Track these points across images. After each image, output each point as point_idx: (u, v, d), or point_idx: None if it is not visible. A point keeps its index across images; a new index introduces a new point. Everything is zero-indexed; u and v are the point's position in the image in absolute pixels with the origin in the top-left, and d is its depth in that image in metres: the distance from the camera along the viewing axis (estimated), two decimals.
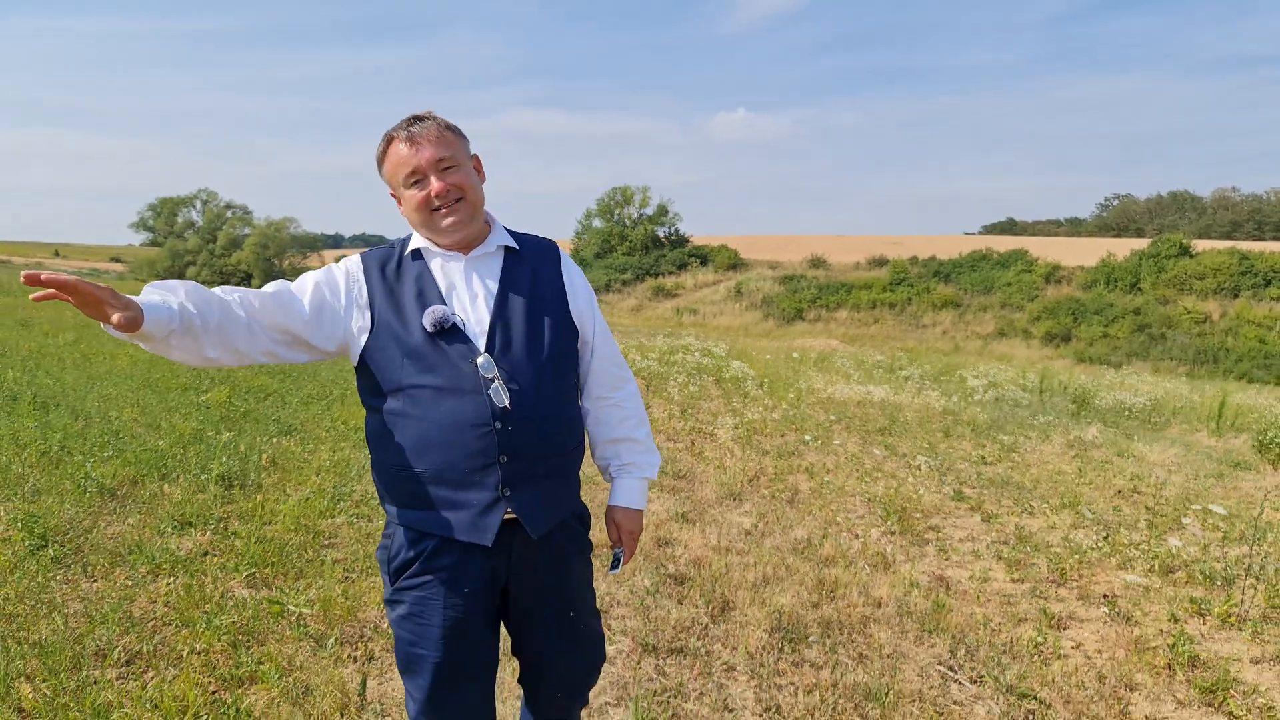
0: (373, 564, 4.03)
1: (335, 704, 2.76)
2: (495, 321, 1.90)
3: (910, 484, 6.58)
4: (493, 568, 1.92)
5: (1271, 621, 4.19)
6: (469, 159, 1.97)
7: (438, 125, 1.91)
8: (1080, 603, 4.39)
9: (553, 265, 2.04)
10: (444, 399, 1.84)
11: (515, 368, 1.87)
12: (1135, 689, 3.47)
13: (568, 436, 1.97)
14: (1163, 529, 5.70)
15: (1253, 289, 39.47)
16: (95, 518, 4.31)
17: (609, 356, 2.10)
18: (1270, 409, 13.47)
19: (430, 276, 1.94)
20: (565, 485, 2.00)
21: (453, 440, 1.84)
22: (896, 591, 4.22)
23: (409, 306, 1.89)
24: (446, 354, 1.86)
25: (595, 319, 2.09)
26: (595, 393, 2.10)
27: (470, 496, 1.86)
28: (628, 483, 2.15)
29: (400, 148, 1.89)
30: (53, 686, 2.66)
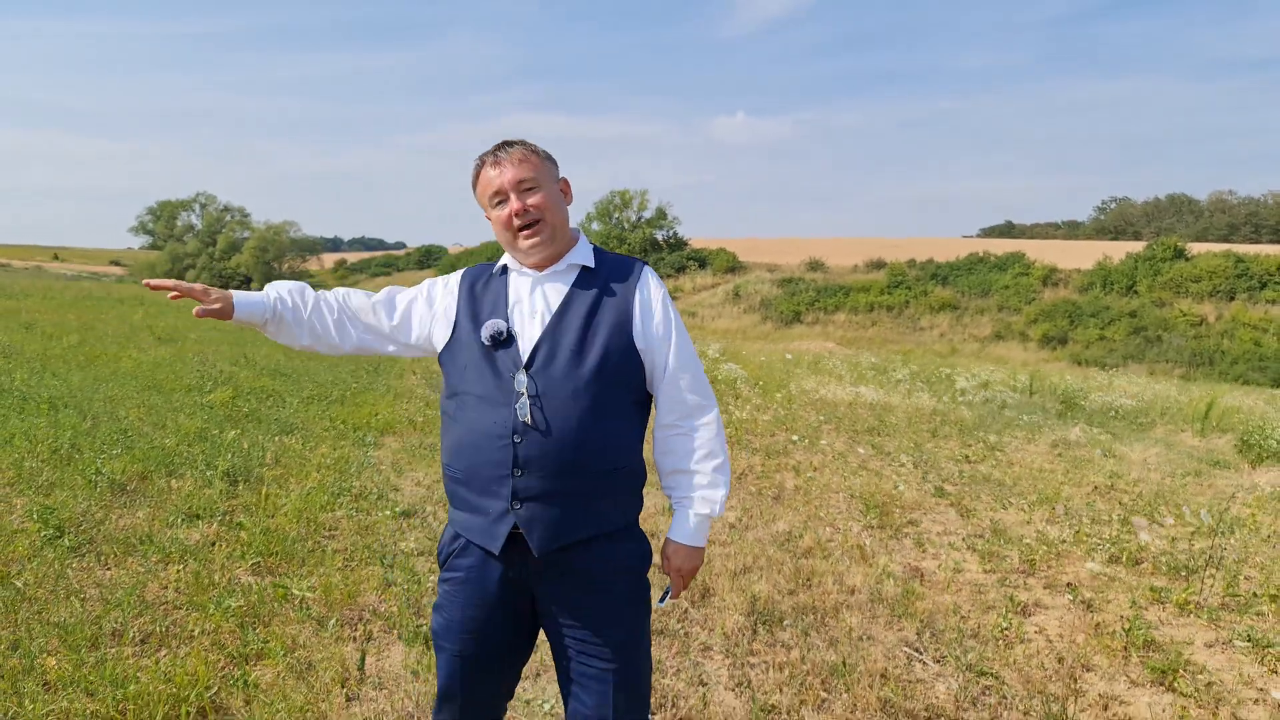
0: (370, 553, 4.24)
1: (336, 677, 2.97)
2: (543, 339, 1.95)
3: (893, 481, 6.79)
4: (509, 576, 1.98)
5: (1228, 609, 4.39)
6: (554, 182, 2.05)
7: (523, 149, 2.01)
8: (1047, 591, 4.60)
9: (627, 285, 2.03)
10: (481, 407, 1.94)
11: (550, 386, 1.91)
12: (1091, 670, 3.68)
13: (596, 459, 1.94)
14: (1140, 525, 5.90)
15: (1248, 292, 39.59)
16: (107, 510, 4.51)
17: (683, 384, 2.04)
18: (1255, 411, 13.68)
19: (505, 292, 2.04)
20: (586, 509, 1.95)
21: (478, 446, 1.93)
22: (870, 580, 4.43)
23: (481, 318, 2.01)
24: (496, 366, 1.95)
25: (672, 342, 2.03)
26: (664, 420, 2.07)
27: (488, 503, 1.94)
28: (685, 517, 2.08)
29: (488, 170, 2.01)
30: (73, 661, 2.87)
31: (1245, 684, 3.58)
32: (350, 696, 2.90)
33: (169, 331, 15.26)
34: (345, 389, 9.48)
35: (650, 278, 2.06)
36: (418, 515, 5.03)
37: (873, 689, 3.20)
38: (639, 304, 2.01)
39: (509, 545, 1.93)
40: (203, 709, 2.71)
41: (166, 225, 78.30)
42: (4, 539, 3.90)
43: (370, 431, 7.28)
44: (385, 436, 7.25)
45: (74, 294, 25.12)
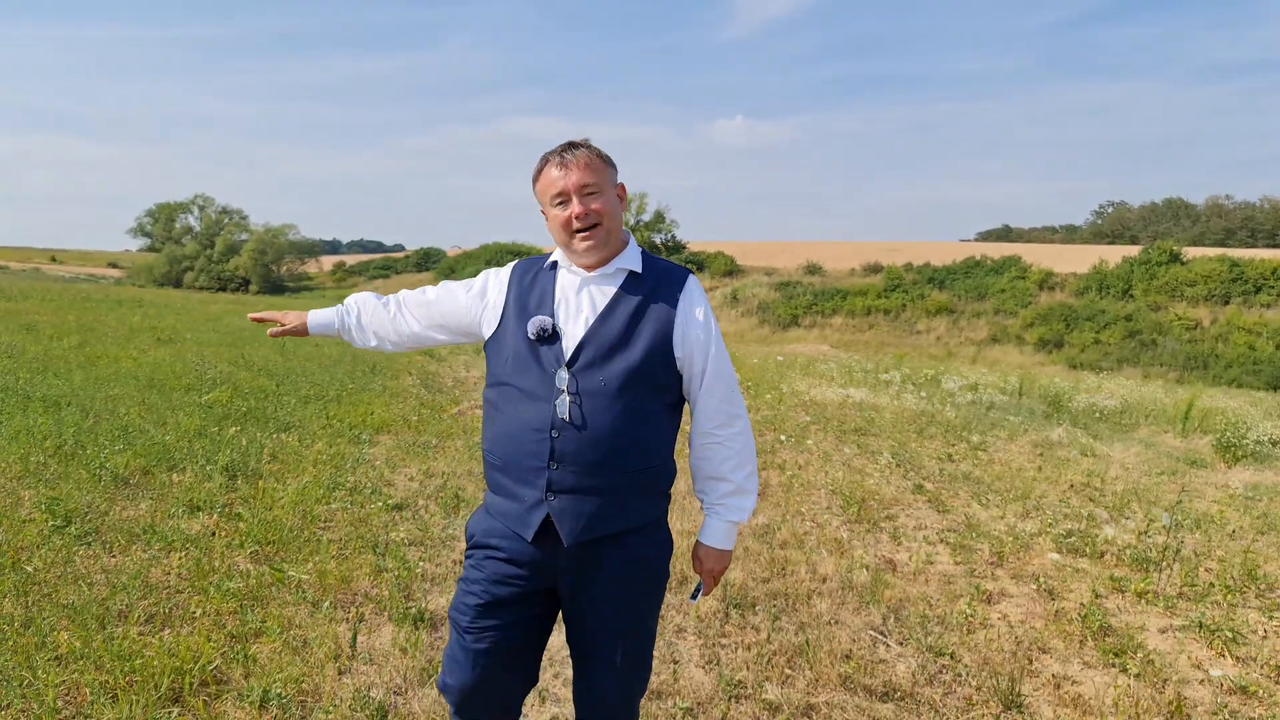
0: (363, 543, 4.43)
1: (330, 653, 3.17)
2: (587, 339, 2.02)
3: (874, 478, 6.98)
4: (536, 564, 2.04)
5: (1185, 598, 4.59)
6: (613, 187, 2.11)
7: (589, 153, 2.07)
8: (1013, 581, 4.79)
9: (671, 293, 2.09)
10: (523, 400, 2.02)
11: (589, 385, 1.98)
12: (1048, 652, 3.87)
13: (629, 459, 2.02)
14: (1101, 519, 6.10)
15: (1243, 296, 39.73)
16: (110, 502, 4.70)
17: (719, 394, 2.12)
18: (1240, 412, 13.88)
19: (552, 289, 2.10)
20: (616, 504, 2.03)
21: (519, 438, 2.01)
22: (842, 569, 4.62)
23: (529, 312, 2.08)
24: (539, 360, 2.02)
25: (710, 354, 2.10)
26: (701, 428, 2.15)
27: (524, 492, 2.02)
28: (715, 523, 2.19)
29: (552, 170, 2.06)
30: (83, 639, 3.06)
31: (1193, 666, 3.78)
32: (342, 671, 3.10)
33: (168, 333, 15.43)
34: (342, 389, 9.67)
35: (695, 288, 2.14)
36: (409, 509, 5.22)
37: (834, 667, 3.40)
38: (681, 313, 2.07)
39: (540, 533, 2.01)
40: (205, 680, 2.91)
41: (165, 227, 78.42)
42: (14, 527, 4.09)
43: (365, 430, 7.47)
44: (380, 435, 7.44)
45: (72, 296, 25.28)
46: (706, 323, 2.10)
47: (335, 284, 79.06)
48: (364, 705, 2.85)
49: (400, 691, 3.01)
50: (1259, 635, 4.15)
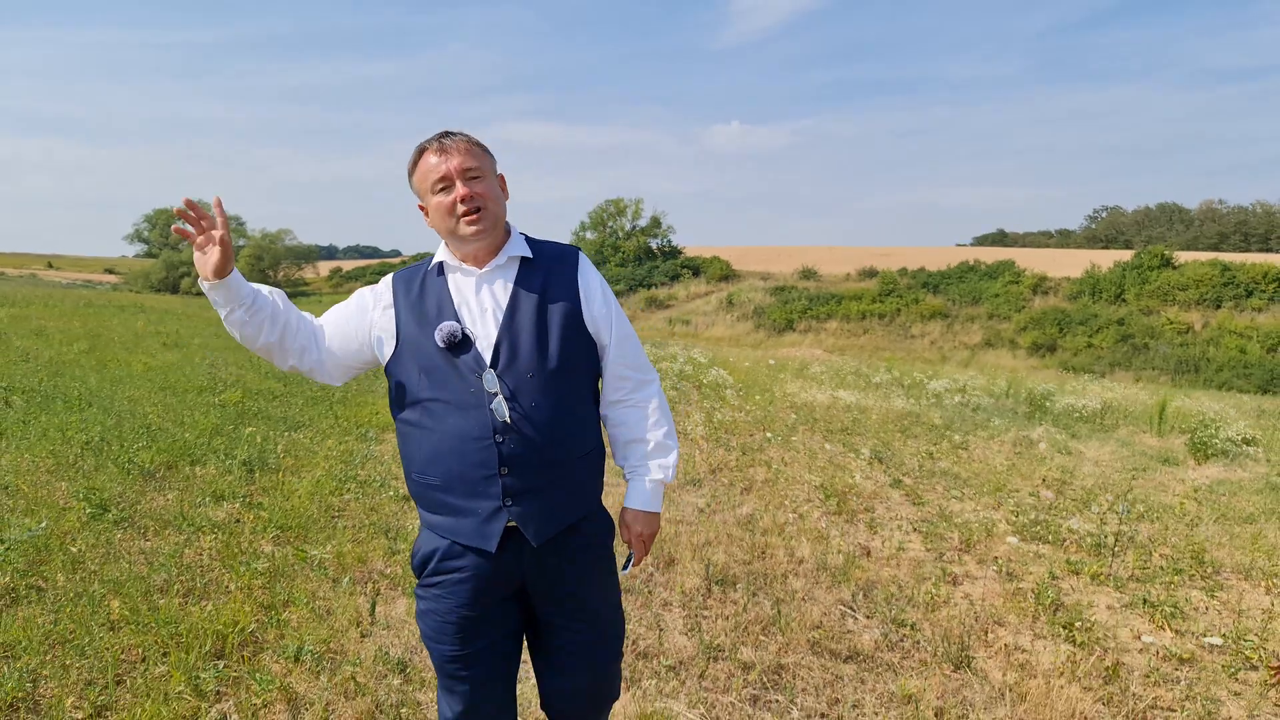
0: (376, 529, 4.80)
1: (352, 620, 3.54)
2: (502, 336, 1.97)
3: (856, 474, 7.36)
4: (503, 572, 2.01)
5: (1135, 580, 4.97)
6: (494, 176, 2.07)
7: (467, 139, 2.03)
8: (978, 565, 5.16)
9: (568, 272, 2.08)
10: (452, 413, 1.94)
11: (519, 382, 1.94)
12: (1002, 625, 4.24)
13: (574, 446, 2.02)
14: (1068, 509, 6.49)
15: (1234, 300, 40.14)
16: (140, 493, 5.07)
17: (626, 360, 2.13)
18: (1220, 414, 14.27)
19: (448, 292, 2.03)
20: (571, 493, 2.04)
21: (458, 451, 1.94)
22: (818, 552, 5.00)
23: (428, 322, 2.00)
24: (457, 368, 1.95)
25: (614, 324, 2.11)
26: (611, 396, 2.15)
27: (475, 505, 1.95)
28: (639, 484, 2.18)
29: (431, 157, 2.01)
30: (131, 608, 3.42)
31: (1133, 637, 4.15)
32: (364, 634, 3.47)
33: (173, 338, 15.78)
34: (346, 390, 10.03)
35: (586, 263, 2.13)
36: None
37: (803, 634, 3.78)
38: (583, 289, 2.07)
39: (502, 540, 1.97)
40: (244, 641, 3.28)
41: (162, 233, 78.77)
42: (56, 513, 4.45)
43: (371, 428, 7.84)
44: (385, 433, 7.80)
45: (75, 302, 25.60)
46: (605, 294, 2.11)
47: (332, 289, 79.33)
48: (385, 661, 3.22)
49: (416, 651, 3.38)
50: (1200, 611, 4.53)
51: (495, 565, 2.00)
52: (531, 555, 2.01)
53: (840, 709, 3.19)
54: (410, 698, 3.02)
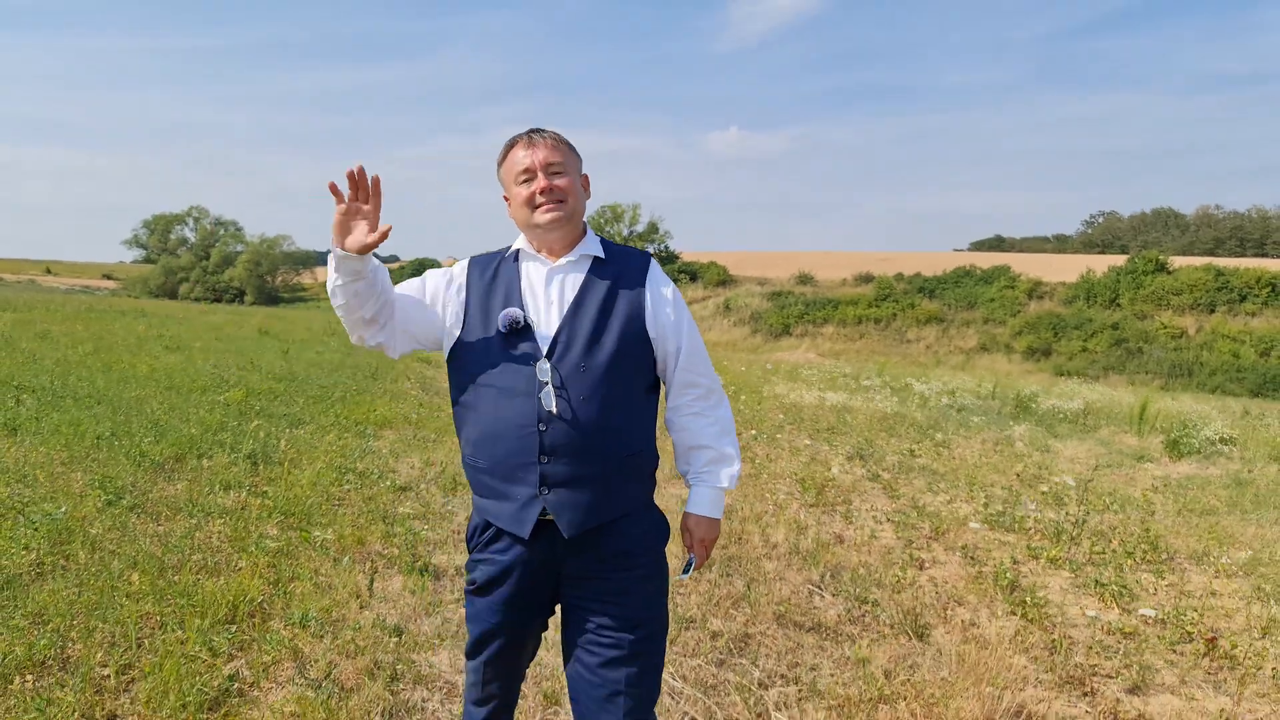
0: (374, 515, 5.09)
1: (352, 593, 3.83)
2: (562, 328, 2.02)
3: (836, 469, 7.65)
4: (538, 560, 2.05)
5: (1091, 563, 5.26)
6: (578, 173, 2.15)
7: (555, 136, 2.11)
8: (945, 552, 5.45)
9: (637, 276, 2.11)
10: (503, 398, 2.00)
11: (570, 375, 1.98)
12: (962, 604, 4.53)
13: (617, 444, 2.03)
14: (1036, 500, 6.78)
15: (1228, 304, 40.39)
16: (151, 482, 5.35)
17: (696, 368, 2.16)
18: (1200, 415, 14.57)
19: (518, 281, 2.09)
20: (610, 491, 2.03)
21: (504, 436, 1.99)
22: (791, 537, 5.29)
23: (495, 307, 2.06)
24: (514, 355, 2.00)
25: (681, 331, 2.13)
26: (677, 401, 2.18)
27: (515, 490, 2.00)
28: (702, 491, 2.19)
29: (519, 150, 2.09)
30: (149, 581, 3.71)
31: (1082, 614, 4.44)
32: (363, 605, 3.76)
33: (175, 341, 16.04)
34: (346, 390, 10.32)
35: (657, 269, 2.17)
36: (413, 490, 5.87)
37: (771, 608, 4.07)
38: (650, 295, 2.10)
39: (537, 529, 2.01)
40: (253, 611, 3.57)
41: (160, 239, 79.01)
42: (74, 500, 4.73)
43: (370, 425, 8.12)
44: (383, 430, 8.08)
45: (76, 306, 25.84)
46: (675, 301, 2.14)
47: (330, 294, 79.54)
48: (382, 627, 3.51)
49: (411, 620, 3.67)
50: (1149, 592, 4.82)
51: (530, 553, 2.04)
52: (565, 548, 2.04)
53: (799, 671, 3.48)
54: (405, 657, 3.31)
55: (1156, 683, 3.67)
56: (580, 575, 2.07)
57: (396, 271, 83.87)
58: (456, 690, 3.12)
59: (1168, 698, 3.53)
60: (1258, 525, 6.36)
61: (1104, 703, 3.43)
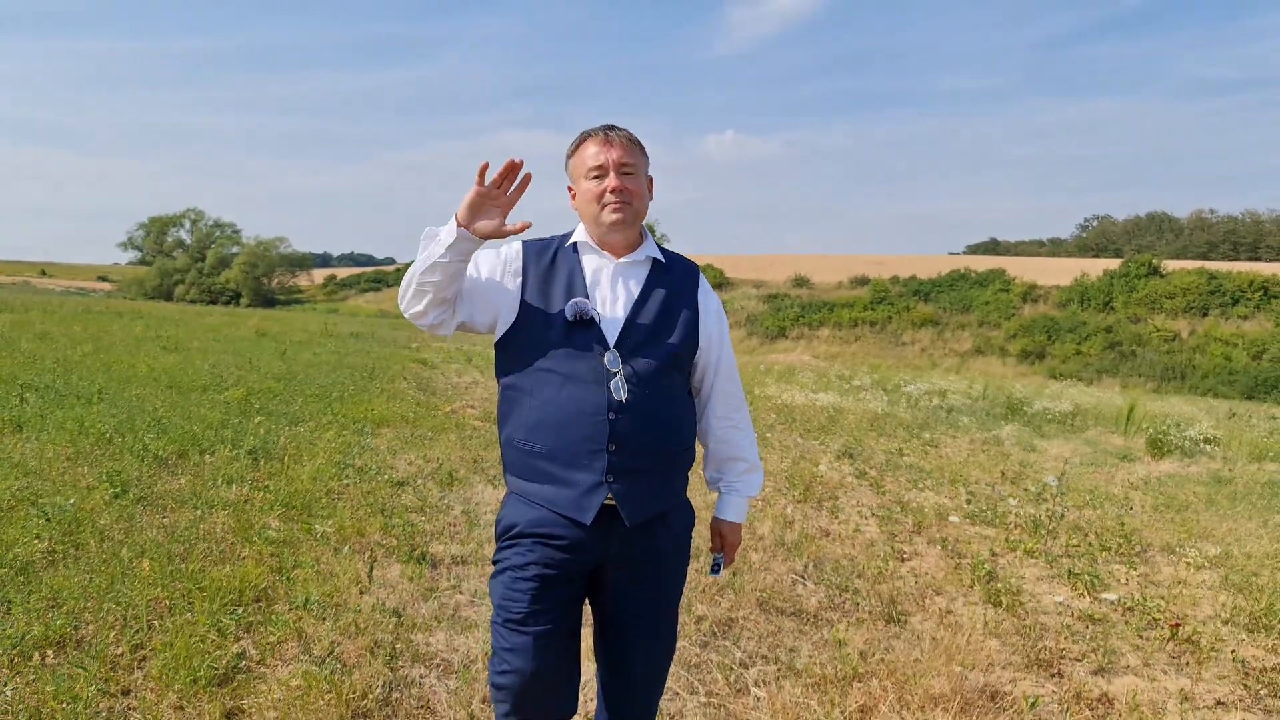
0: (373, 507, 5.25)
1: (352, 580, 3.99)
2: (630, 322, 2.08)
3: (824, 466, 7.82)
4: (590, 547, 2.06)
5: (1067, 555, 5.43)
6: (646, 175, 2.17)
7: (629, 135, 2.13)
8: (927, 545, 5.62)
9: (692, 285, 2.20)
10: (568, 385, 2.02)
11: (637, 367, 2.03)
12: (940, 593, 4.70)
13: (674, 438, 2.11)
14: (1017, 496, 6.95)
15: (1221, 308, 40.65)
16: (156, 477, 5.51)
17: (732, 379, 2.27)
18: (1186, 416, 14.77)
19: (581, 271, 2.12)
20: (666, 483, 2.13)
21: (569, 424, 2.01)
22: (778, 529, 5.45)
23: (556, 295, 2.09)
24: (579, 344, 2.04)
25: (723, 343, 2.24)
26: (719, 412, 2.26)
27: (577, 476, 2.02)
28: (735, 500, 2.32)
29: (592, 145, 2.10)
30: (158, 568, 3.87)
31: (1054, 602, 4.61)
32: (363, 591, 3.92)
33: (173, 342, 16.17)
34: (344, 390, 10.48)
35: (705, 281, 2.26)
36: (410, 485, 6.03)
37: (754, 595, 4.24)
38: (701, 304, 2.20)
39: (596, 516, 2.04)
40: (258, 596, 3.73)
41: (156, 241, 79.07)
42: (82, 493, 4.89)
43: (367, 424, 8.28)
44: (380, 428, 8.24)
45: (73, 308, 25.94)
46: (720, 313, 2.25)
47: (326, 297, 79.70)
48: (382, 610, 3.68)
49: (409, 604, 3.84)
50: (1120, 581, 5.00)
51: (584, 538, 2.05)
52: (620, 536, 2.07)
53: (778, 652, 3.65)
54: (404, 637, 3.47)
55: (1121, 665, 3.84)
56: (624, 565, 2.12)
57: (395, 274, 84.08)
58: (453, 667, 3.29)
59: (1131, 679, 3.70)
60: (1232, 520, 6.54)
61: (1070, 683, 3.60)
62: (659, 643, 2.21)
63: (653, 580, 2.16)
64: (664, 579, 2.18)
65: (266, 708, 2.85)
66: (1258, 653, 4.02)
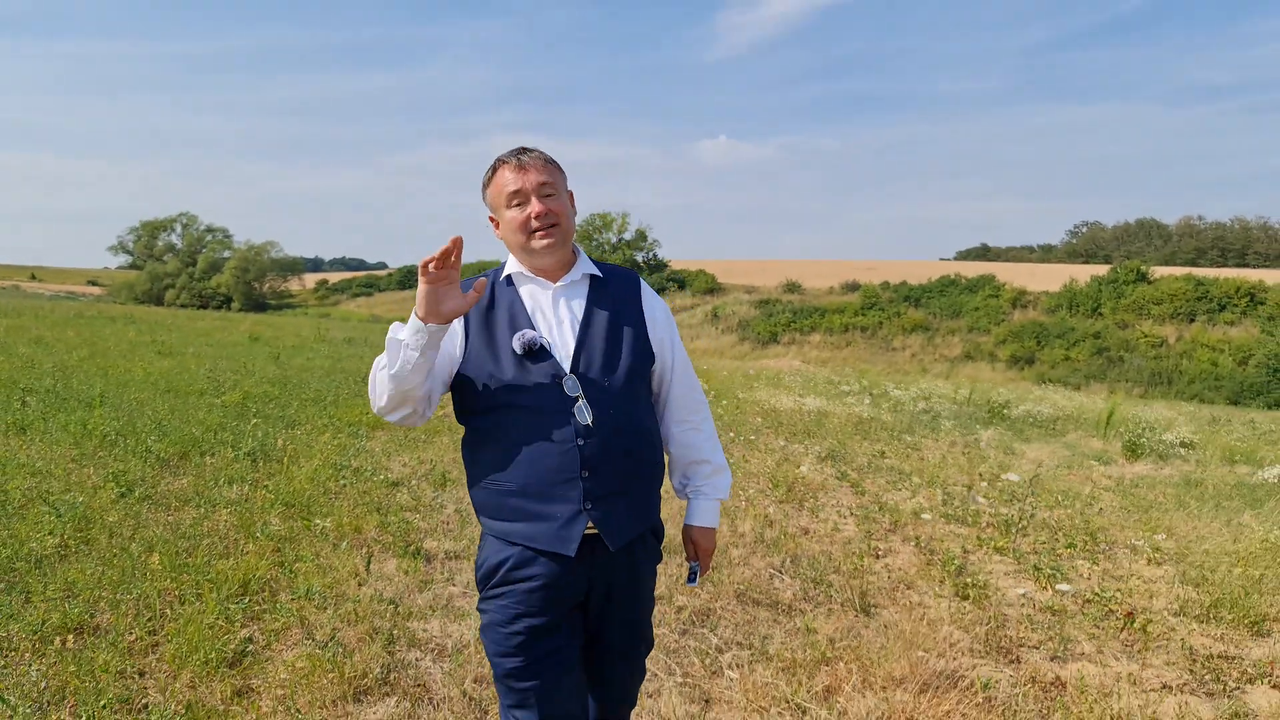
0: (370, 505, 5.47)
1: (351, 573, 4.22)
2: (580, 344, 2.04)
3: (807, 468, 8.05)
4: (575, 579, 2.04)
5: (1034, 552, 5.67)
6: (566, 192, 2.14)
7: (543, 156, 2.09)
8: (902, 542, 5.86)
9: (634, 293, 2.18)
10: (530, 417, 1.99)
11: (597, 388, 2.00)
12: (911, 587, 4.93)
13: (646, 454, 2.10)
14: (991, 496, 7.20)
15: (1208, 314, 41.05)
16: (159, 477, 5.72)
17: (688, 383, 2.24)
18: (1166, 420, 15.07)
19: (520, 302, 2.09)
20: (644, 500, 2.11)
21: (538, 457, 1.97)
22: (758, 527, 5.69)
23: (500, 332, 2.05)
24: (533, 375, 2.00)
25: (675, 346, 2.22)
26: (677, 416, 2.24)
27: (554, 509, 1.98)
28: (704, 504, 2.27)
29: (507, 172, 2.06)
30: (168, 561, 4.08)
31: (1018, 595, 4.85)
32: (361, 583, 4.15)
33: (167, 347, 16.34)
34: (338, 395, 10.68)
35: (647, 287, 2.24)
36: (405, 485, 6.25)
37: (732, 587, 4.47)
38: (647, 311, 2.18)
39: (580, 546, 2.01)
40: (262, 587, 3.95)
41: (146, 245, 79.00)
42: (89, 492, 5.10)
43: (362, 427, 8.49)
44: (375, 432, 8.45)
45: (64, 313, 26.08)
46: (667, 316, 2.23)
47: (318, 301, 79.81)
48: (379, 600, 3.90)
49: (405, 595, 4.06)
50: (1083, 576, 5.24)
51: (569, 571, 2.02)
52: (603, 562, 2.05)
53: (752, 639, 3.89)
54: (400, 624, 3.70)
55: (1076, 652, 4.08)
56: (608, 588, 2.11)
57: (386, 279, 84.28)
58: (446, 651, 3.52)
59: (1084, 664, 3.93)
60: (1197, 520, 6.79)
61: (1026, 668, 3.83)
62: (637, 652, 2.25)
63: (630, 598, 2.17)
64: (641, 595, 2.20)
65: (274, 686, 3.07)
66: (1206, 641, 4.26)
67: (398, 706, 3.05)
